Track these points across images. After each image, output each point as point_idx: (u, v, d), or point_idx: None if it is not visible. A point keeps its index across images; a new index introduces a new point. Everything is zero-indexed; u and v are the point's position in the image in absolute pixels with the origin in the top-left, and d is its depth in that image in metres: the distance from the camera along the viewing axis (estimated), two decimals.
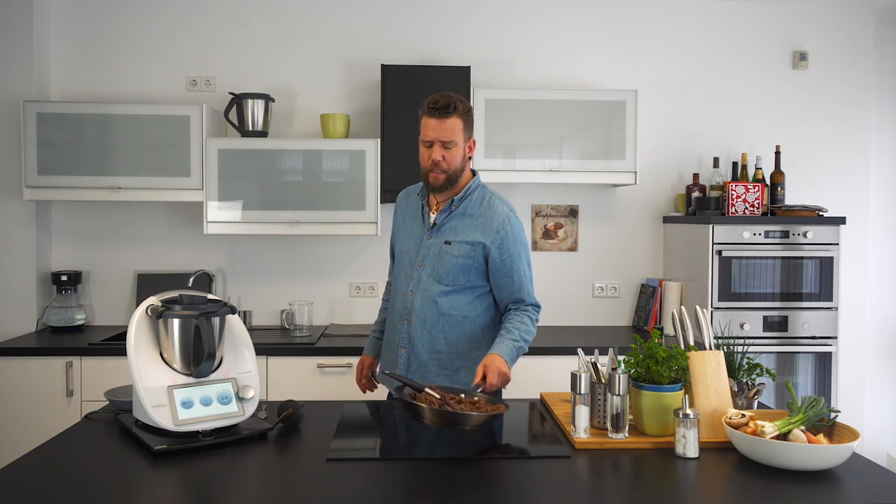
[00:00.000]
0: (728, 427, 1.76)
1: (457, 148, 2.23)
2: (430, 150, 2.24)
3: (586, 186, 3.89)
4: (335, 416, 2.08)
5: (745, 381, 2.01)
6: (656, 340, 1.93)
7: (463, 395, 1.97)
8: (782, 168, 3.78)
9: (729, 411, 1.84)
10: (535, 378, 2.51)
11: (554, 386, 2.48)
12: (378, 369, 2.50)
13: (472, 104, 3.43)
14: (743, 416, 1.80)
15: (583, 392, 1.87)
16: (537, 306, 2.33)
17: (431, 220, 2.34)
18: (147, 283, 3.74)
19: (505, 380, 2.10)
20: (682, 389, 1.89)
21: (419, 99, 3.43)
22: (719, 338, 2.12)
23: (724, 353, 2.05)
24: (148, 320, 1.90)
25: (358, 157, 3.47)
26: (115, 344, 3.26)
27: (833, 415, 1.80)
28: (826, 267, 3.45)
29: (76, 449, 1.82)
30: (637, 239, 3.95)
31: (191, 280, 3.52)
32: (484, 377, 2.05)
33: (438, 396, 1.91)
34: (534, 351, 3.25)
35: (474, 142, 2.33)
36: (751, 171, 3.79)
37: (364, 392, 2.54)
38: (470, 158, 2.32)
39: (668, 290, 3.70)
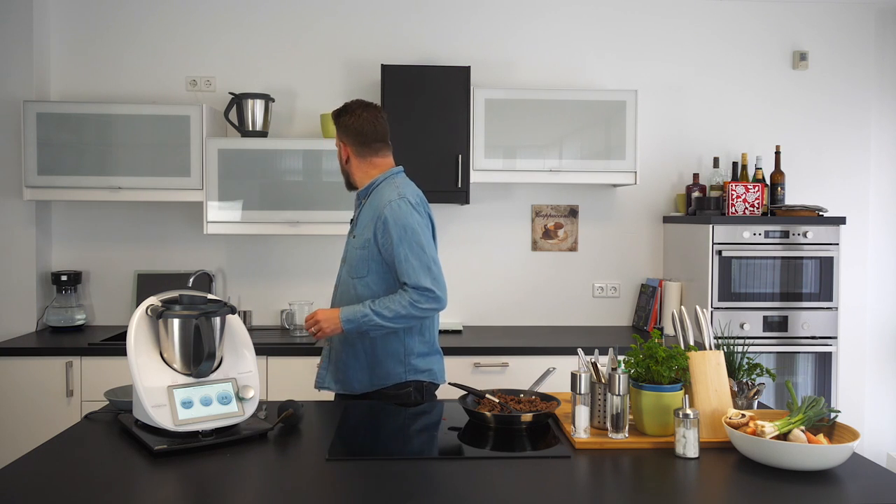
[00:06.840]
0: (728, 427, 1.76)
1: (338, 151, 2.47)
2: None
3: (586, 186, 3.89)
4: (335, 416, 2.09)
5: (745, 381, 2.01)
6: (656, 340, 1.93)
7: (522, 395, 2.17)
8: (782, 168, 3.79)
9: (729, 411, 1.84)
10: (535, 378, 2.50)
11: (554, 386, 2.48)
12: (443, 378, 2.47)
13: (471, 104, 3.47)
14: (743, 416, 1.80)
15: (583, 392, 1.87)
16: (419, 288, 2.23)
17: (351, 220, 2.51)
18: (147, 283, 3.74)
19: (321, 327, 2.28)
20: (682, 389, 1.89)
21: (419, 99, 3.48)
22: (719, 338, 2.12)
23: (724, 353, 2.05)
24: (148, 320, 1.90)
25: None
26: (115, 344, 3.27)
27: (833, 415, 1.80)
28: (826, 267, 3.45)
29: (76, 449, 1.82)
30: (637, 239, 3.95)
31: (191, 280, 3.52)
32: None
33: (498, 400, 2.08)
34: (534, 351, 3.29)
35: (343, 143, 2.44)
36: (751, 171, 3.79)
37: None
38: (347, 160, 2.44)
39: (668, 290, 3.70)
